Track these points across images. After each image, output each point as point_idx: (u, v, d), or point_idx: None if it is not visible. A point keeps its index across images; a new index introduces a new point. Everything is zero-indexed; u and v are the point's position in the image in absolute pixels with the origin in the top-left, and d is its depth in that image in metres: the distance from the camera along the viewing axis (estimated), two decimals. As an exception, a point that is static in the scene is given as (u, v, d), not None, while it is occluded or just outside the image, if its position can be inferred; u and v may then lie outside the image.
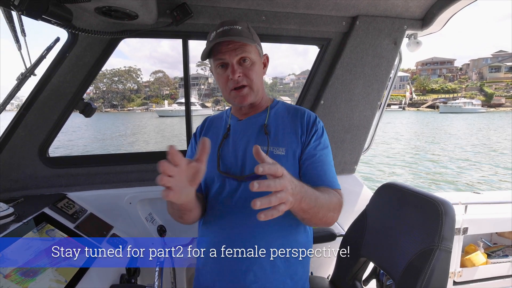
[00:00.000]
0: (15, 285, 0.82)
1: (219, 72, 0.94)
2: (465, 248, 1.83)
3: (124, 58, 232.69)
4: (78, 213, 1.31)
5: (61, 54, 1.28)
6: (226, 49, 0.89)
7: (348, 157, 1.75)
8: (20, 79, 1.16)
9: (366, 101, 1.67)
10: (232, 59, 0.89)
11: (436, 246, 0.90)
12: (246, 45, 0.90)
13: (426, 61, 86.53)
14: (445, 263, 0.91)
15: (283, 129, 0.97)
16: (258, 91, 0.96)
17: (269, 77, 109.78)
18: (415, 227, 1.00)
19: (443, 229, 0.91)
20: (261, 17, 1.43)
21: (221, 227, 0.95)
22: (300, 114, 0.99)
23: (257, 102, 1.01)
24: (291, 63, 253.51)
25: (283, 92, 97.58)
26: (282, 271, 0.92)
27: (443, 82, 79.07)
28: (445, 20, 1.53)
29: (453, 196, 1.77)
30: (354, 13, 1.49)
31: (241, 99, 0.94)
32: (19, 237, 0.98)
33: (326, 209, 0.80)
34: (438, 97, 72.62)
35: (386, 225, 1.15)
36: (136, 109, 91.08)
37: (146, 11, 1.19)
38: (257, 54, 0.95)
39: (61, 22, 1.06)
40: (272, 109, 1.03)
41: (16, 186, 1.38)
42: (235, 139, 1.00)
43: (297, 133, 0.95)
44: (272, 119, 1.00)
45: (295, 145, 0.94)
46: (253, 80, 0.93)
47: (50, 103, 1.34)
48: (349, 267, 1.25)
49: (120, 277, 1.18)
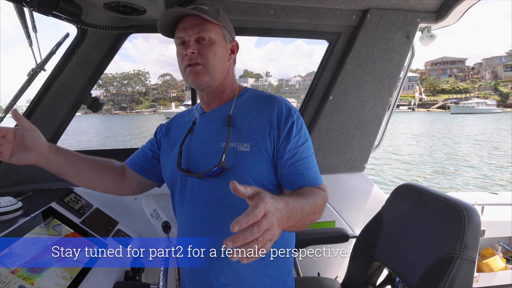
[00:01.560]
0: (21, 280, 0.82)
1: (178, 51, 0.88)
2: (482, 252, 1.76)
3: (133, 62, 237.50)
4: (84, 207, 1.32)
5: (71, 49, 1.29)
6: (185, 26, 0.84)
7: (357, 155, 1.72)
8: (30, 74, 1.17)
9: (377, 97, 1.62)
10: (189, 36, 0.84)
11: (458, 254, 0.85)
12: (207, 24, 0.84)
13: (436, 61, 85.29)
14: (468, 274, 0.85)
15: (249, 121, 0.87)
16: (216, 73, 0.87)
17: (274, 79, 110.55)
18: (435, 233, 0.95)
19: (466, 237, 0.86)
20: (269, 11, 1.41)
21: (188, 229, 0.90)
22: (270, 105, 0.87)
23: (220, 90, 0.92)
24: (296, 64, 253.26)
25: (289, 93, 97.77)
26: (258, 271, 0.86)
27: (454, 82, 77.82)
28: (462, 12, 1.47)
29: (469, 197, 1.72)
30: (365, 6, 1.45)
31: (194, 76, 0.85)
32: (27, 232, 0.98)
33: (313, 214, 0.75)
34: (449, 98, 71.45)
35: (402, 229, 1.10)
36: (144, 111, 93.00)
37: (154, 6, 1.19)
38: (220, 36, 0.88)
39: (71, 17, 1.08)
40: (240, 98, 0.93)
41: (25, 179, 1.40)
42: (198, 133, 0.93)
43: (265, 127, 0.85)
44: (238, 110, 0.90)
45: (262, 141, 0.84)
46: (209, 59, 0.84)
47: (59, 98, 1.35)
48: (362, 271, 1.21)
49: (125, 274, 1.18)
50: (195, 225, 0.88)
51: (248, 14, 1.40)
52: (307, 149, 0.87)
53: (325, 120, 1.62)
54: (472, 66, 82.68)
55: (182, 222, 0.94)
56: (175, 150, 0.94)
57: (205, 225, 0.87)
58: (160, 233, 1.54)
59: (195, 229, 0.88)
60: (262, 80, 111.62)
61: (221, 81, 0.91)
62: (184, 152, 0.92)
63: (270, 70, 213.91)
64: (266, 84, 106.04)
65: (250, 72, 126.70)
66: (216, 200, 0.86)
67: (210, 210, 0.86)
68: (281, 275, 0.91)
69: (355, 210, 1.75)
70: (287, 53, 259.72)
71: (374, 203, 1.73)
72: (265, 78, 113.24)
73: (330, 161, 1.69)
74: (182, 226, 0.94)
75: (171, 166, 0.94)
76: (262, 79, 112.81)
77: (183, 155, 0.92)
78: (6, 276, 0.80)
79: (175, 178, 0.94)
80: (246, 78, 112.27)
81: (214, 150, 0.86)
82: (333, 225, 1.71)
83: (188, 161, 0.91)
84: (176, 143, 0.96)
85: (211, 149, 0.87)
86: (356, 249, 1.26)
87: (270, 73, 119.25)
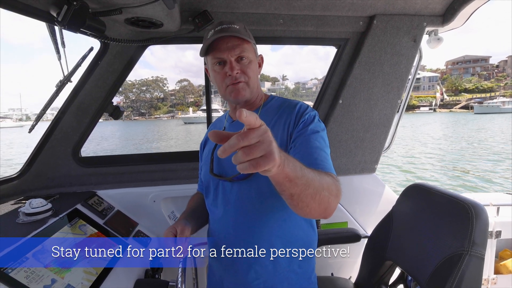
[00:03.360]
0: (53, 274, 0.89)
1: (216, 69, 0.94)
2: (499, 254, 1.72)
3: (151, 69, 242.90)
4: (107, 210, 1.40)
5: (94, 62, 1.39)
6: (225, 47, 0.90)
7: (368, 156, 1.73)
8: (58, 86, 1.27)
9: (386, 99, 1.64)
10: (230, 56, 0.91)
11: (466, 251, 0.86)
12: (243, 44, 0.92)
13: (457, 60, 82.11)
14: (477, 270, 0.86)
15: (273, 125, 0.94)
16: (254, 88, 0.97)
17: (291, 82, 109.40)
18: (443, 231, 0.96)
19: (473, 234, 0.87)
20: (278, 20, 1.46)
21: (220, 228, 0.98)
22: (291, 106, 0.96)
23: (252, 100, 1.01)
24: (312, 67, 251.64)
25: (306, 97, 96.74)
26: (284, 267, 0.93)
27: (477, 81, 74.53)
28: (468, 15, 1.48)
29: (483, 197, 1.68)
30: (371, 12, 1.48)
31: (237, 93, 0.93)
32: (56, 232, 1.06)
33: (318, 185, 0.66)
34: (473, 97, 68.61)
35: (412, 228, 1.12)
36: (163, 116, 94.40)
37: (171, 19, 1.27)
38: (253, 53, 0.97)
39: (96, 33, 1.16)
40: (266, 106, 1.02)
41: (52, 184, 1.50)
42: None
43: (285, 128, 0.92)
44: (264, 115, 0.99)
45: (283, 142, 0.91)
46: (251, 77, 0.94)
47: (83, 106, 1.45)
48: (374, 270, 1.22)
49: (145, 272, 1.24)
50: (228, 224, 0.96)
51: (258, 24, 1.46)
52: (315, 139, 0.86)
53: (335, 123, 1.65)
54: (497, 64, 78.83)
55: (215, 223, 1.01)
56: (209, 156, 1.04)
57: (237, 225, 0.94)
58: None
59: (227, 228, 0.96)
60: (278, 83, 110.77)
61: (255, 93, 1.00)
62: (216, 158, 1.01)
63: (287, 74, 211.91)
64: (283, 88, 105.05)
65: (266, 76, 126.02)
66: (246, 200, 0.93)
67: (241, 210, 0.94)
68: (306, 272, 0.97)
69: (367, 211, 1.75)
70: (303, 56, 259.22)
71: (386, 204, 1.73)
72: (281, 82, 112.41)
73: (341, 163, 1.72)
74: (215, 226, 1.02)
75: (205, 171, 1.04)
76: (278, 83, 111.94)
77: (215, 161, 1.01)
78: (40, 270, 0.88)
79: (208, 181, 1.03)
80: (262, 82, 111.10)
81: None
82: (345, 226, 1.72)
83: (219, 166, 1.00)
84: (209, 152, 1.05)
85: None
86: (368, 249, 1.28)
87: (286, 76, 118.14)
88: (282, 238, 0.92)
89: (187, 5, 1.36)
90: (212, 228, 1.03)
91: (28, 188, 1.45)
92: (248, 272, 0.92)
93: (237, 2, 1.36)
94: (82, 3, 1.01)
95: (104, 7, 1.09)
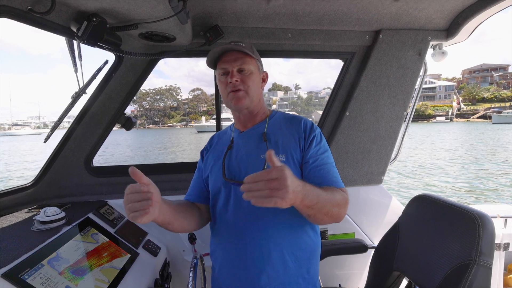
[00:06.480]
0: (68, 281, 0.91)
1: (221, 79, 1.05)
2: (508, 266, 1.70)
3: (165, 78, 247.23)
4: (117, 219, 1.41)
5: (109, 74, 1.43)
6: (229, 59, 1.02)
7: (375, 168, 1.74)
8: (74, 97, 1.31)
9: (392, 111, 1.67)
10: (232, 67, 1.01)
11: (474, 261, 0.87)
12: (246, 58, 1.02)
13: (474, 69, 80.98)
14: (485, 280, 0.87)
15: (283, 136, 1.04)
16: (253, 97, 1.05)
17: (304, 91, 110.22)
18: (450, 241, 0.97)
19: (480, 243, 0.88)
20: (287, 34, 1.52)
21: (233, 232, 1.00)
22: (297, 121, 1.08)
23: (255, 112, 1.10)
24: (324, 76, 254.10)
25: (319, 106, 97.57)
26: (294, 272, 0.95)
27: (496, 90, 73.16)
28: (471, 30, 1.52)
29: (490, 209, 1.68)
30: (377, 27, 1.53)
31: (237, 100, 1.02)
32: (70, 239, 1.08)
33: (330, 205, 0.85)
34: (491, 106, 67.15)
35: (419, 238, 1.12)
36: (176, 125, 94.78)
37: (183, 33, 1.32)
38: (255, 68, 1.06)
39: (112, 47, 1.21)
40: (271, 119, 1.12)
41: (64, 192, 1.53)
42: (238, 149, 1.08)
43: (296, 139, 1.03)
44: (271, 128, 1.08)
45: (294, 150, 1.01)
46: (249, 86, 1.03)
47: (97, 117, 1.49)
48: (382, 281, 1.22)
49: (154, 281, 1.25)
50: (240, 228, 0.98)
51: (267, 38, 1.52)
52: (327, 157, 1.02)
53: (342, 135, 1.68)
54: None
55: (226, 229, 1.02)
56: (218, 164, 1.08)
57: (250, 229, 0.96)
58: (186, 244, 1.61)
59: (240, 232, 0.98)
60: (291, 93, 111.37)
61: (256, 105, 1.09)
62: (226, 165, 1.06)
63: (299, 83, 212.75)
64: (295, 97, 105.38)
65: (279, 85, 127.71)
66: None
67: (253, 214, 0.97)
68: (313, 278, 1.00)
69: (374, 222, 1.76)
70: (315, 65, 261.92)
71: (393, 215, 1.73)
72: (294, 91, 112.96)
73: (348, 174, 1.73)
74: (225, 232, 1.03)
75: (215, 177, 1.07)
76: (291, 92, 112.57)
77: (226, 168, 1.06)
78: (55, 277, 0.89)
79: (219, 187, 1.05)
80: (275, 91, 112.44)
81: (254, 161, 1.02)
82: (353, 236, 1.71)
83: (230, 172, 1.04)
84: (218, 159, 1.10)
85: (251, 161, 1.03)
86: (375, 259, 1.28)
87: (299, 85, 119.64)
88: (291, 242, 0.95)
89: (199, 20, 1.41)
90: (222, 234, 1.04)
91: (41, 197, 1.47)
92: (261, 276, 0.93)
93: (247, 17, 1.41)
94: (101, 19, 1.06)
95: (120, 22, 1.14)
